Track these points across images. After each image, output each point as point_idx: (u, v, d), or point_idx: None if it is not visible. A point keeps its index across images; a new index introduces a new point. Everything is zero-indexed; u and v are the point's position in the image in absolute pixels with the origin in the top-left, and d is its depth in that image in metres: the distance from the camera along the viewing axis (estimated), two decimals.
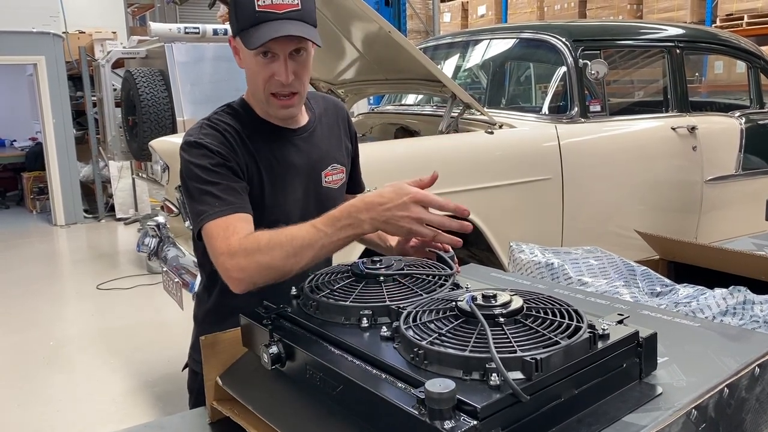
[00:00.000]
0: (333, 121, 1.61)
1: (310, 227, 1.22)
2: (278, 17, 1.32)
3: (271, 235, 1.23)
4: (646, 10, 6.52)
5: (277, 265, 1.23)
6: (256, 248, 1.23)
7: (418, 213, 1.09)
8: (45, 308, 4.97)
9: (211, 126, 1.43)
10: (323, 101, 1.60)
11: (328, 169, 1.55)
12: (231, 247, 1.25)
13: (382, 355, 0.98)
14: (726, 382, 1.01)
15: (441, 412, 0.79)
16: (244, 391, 1.17)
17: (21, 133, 10.20)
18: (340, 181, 1.59)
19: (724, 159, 3.55)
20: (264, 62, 1.36)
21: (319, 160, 1.53)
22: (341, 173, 1.59)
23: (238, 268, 1.24)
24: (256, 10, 1.32)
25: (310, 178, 1.52)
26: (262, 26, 1.32)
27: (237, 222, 1.30)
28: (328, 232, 1.20)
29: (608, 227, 3.24)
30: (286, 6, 1.32)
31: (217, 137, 1.40)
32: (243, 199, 1.35)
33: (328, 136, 1.58)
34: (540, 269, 1.72)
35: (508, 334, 0.93)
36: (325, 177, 1.54)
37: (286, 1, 1.32)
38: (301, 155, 1.50)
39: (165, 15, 11.59)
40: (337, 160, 1.58)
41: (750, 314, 1.35)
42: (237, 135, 1.43)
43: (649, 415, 0.93)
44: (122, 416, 3.26)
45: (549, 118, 3.22)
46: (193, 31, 5.91)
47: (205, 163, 1.36)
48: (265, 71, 1.37)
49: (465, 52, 3.96)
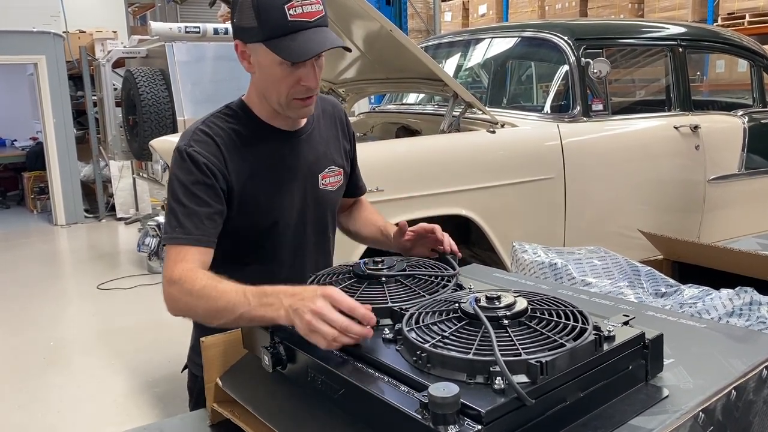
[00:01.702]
0: (331, 123, 1.60)
1: (241, 292, 1.16)
2: (310, 26, 1.30)
3: (206, 284, 1.22)
4: (647, 9, 6.50)
5: (198, 314, 1.26)
6: (189, 290, 1.24)
7: (321, 308, 1.01)
8: (45, 308, 4.96)
9: (205, 132, 1.40)
10: (321, 102, 1.58)
11: (325, 171, 1.53)
12: (173, 276, 1.28)
13: (385, 357, 0.97)
14: (733, 384, 1.00)
15: (445, 416, 0.78)
16: (245, 393, 1.16)
17: (21, 133, 10.18)
18: (338, 184, 1.57)
19: (726, 158, 3.54)
20: (291, 69, 1.34)
21: (316, 162, 1.52)
22: (339, 175, 1.57)
23: (170, 298, 1.28)
24: (289, 20, 1.29)
25: (308, 181, 1.50)
26: (297, 36, 1.29)
27: (188, 253, 1.31)
28: (252, 303, 1.14)
29: (610, 227, 3.23)
30: (315, 14, 1.31)
31: (207, 146, 1.38)
32: (205, 229, 1.34)
33: (326, 137, 1.56)
34: (543, 269, 1.70)
35: (512, 337, 0.92)
36: (322, 179, 1.53)
37: (315, 8, 1.31)
38: (298, 157, 1.48)
39: (166, 14, 11.58)
40: (335, 162, 1.56)
41: (756, 315, 1.34)
42: (232, 139, 1.41)
43: (656, 418, 0.92)
44: (123, 417, 3.24)
45: (551, 118, 3.20)
46: (193, 31, 5.89)
47: (185, 180, 1.36)
48: (291, 78, 1.35)
49: (466, 51, 3.94)
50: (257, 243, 1.47)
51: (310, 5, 1.30)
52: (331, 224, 1.61)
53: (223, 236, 1.40)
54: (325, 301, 1.03)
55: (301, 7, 1.29)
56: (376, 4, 7.35)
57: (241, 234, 1.45)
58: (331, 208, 1.58)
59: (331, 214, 1.59)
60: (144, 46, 6.51)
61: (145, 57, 6.42)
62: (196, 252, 1.32)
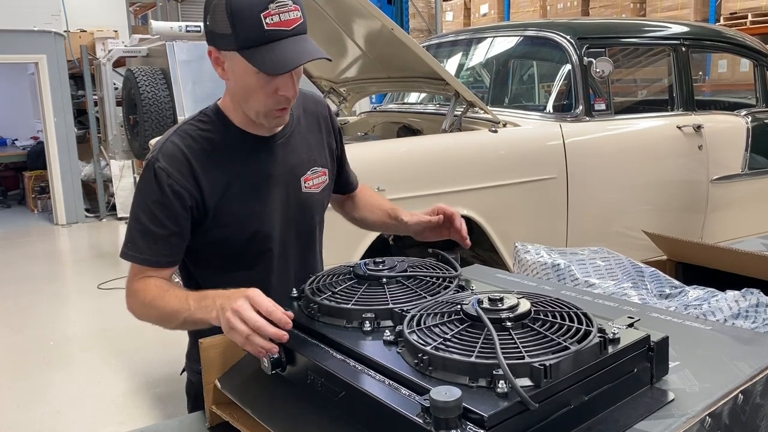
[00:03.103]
0: (313, 121, 1.53)
1: (184, 298, 1.24)
2: (288, 34, 1.24)
3: (155, 296, 1.30)
4: (650, 8, 6.48)
5: (154, 321, 1.33)
6: (141, 301, 1.32)
7: (239, 307, 1.07)
8: (45, 308, 4.95)
9: (176, 144, 1.35)
10: (302, 99, 1.50)
11: (307, 173, 1.47)
12: (130, 288, 1.36)
13: (385, 360, 0.95)
14: (740, 387, 0.99)
15: (447, 421, 0.77)
16: (244, 395, 1.14)
17: (22, 132, 10.19)
18: (323, 185, 1.52)
19: (730, 158, 3.52)
20: (268, 79, 1.28)
21: (298, 165, 1.46)
22: (323, 176, 1.51)
23: (129, 307, 1.37)
24: (265, 29, 1.22)
25: (289, 185, 1.45)
26: (274, 46, 1.23)
27: (141, 270, 1.36)
28: (192, 308, 1.21)
29: (613, 227, 3.21)
30: (293, 21, 1.24)
31: (176, 162, 1.33)
32: (158, 250, 1.35)
33: (308, 138, 1.50)
34: (546, 270, 1.69)
35: (515, 339, 0.90)
36: (305, 182, 1.47)
37: (292, 15, 1.24)
38: (277, 163, 1.43)
39: (167, 13, 11.57)
40: (318, 162, 1.50)
41: (763, 317, 1.32)
42: (205, 149, 1.36)
43: (662, 422, 0.90)
44: (123, 417, 3.23)
45: (553, 117, 3.19)
46: (194, 30, 5.89)
47: (146, 197, 1.34)
48: (268, 88, 1.29)
49: (468, 50, 3.93)
50: (240, 252, 1.42)
51: (287, 12, 1.23)
52: (318, 225, 1.56)
53: (206, 246, 1.40)
54: (245, 302, 1.08)
55: (278, 15, 1.22)
56: (377, 3, 7.33)
57: (223, 244, 1.41)
58: (318, 210, 1.54)
59: (318, 216, 1.54)
60: (145, 45, 6.50)
61: (145, 56, 6.42)
62: (149, 270, 1.35)
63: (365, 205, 1.70)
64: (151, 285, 1.32)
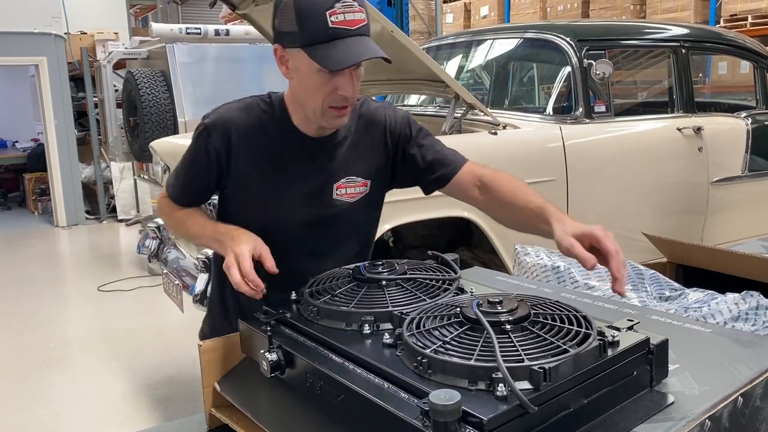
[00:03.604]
0: (373, 133, 1.52)
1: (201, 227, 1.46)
2: (351, 34, 1.28)
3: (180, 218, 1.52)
4: (650, 10, 6.48)
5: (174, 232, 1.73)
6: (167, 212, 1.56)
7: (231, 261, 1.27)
8: (45, 310, 4.95)
9: (230, 111, 1.45)
10: (371, 112, 1.53)
11: (341, 181, 1.48)
12: (161, 198, 1.59)
13: (385, 363, 0.95)
14: (740, 390, 0.99)
15: (446, 424, 0.77)
16: (243, 398, 1.15)
17: (23, 134, 10.19)
18: (359, 195, 1.51)
19: (730, 160, 3.52)
20: (328, 77, 1.32)
21: (335, 171, 1.48)
22: (362, 187, 1.51)
23: (159, 210, 1.62)
24: (330, 26, 1.26)
25: (320, 188, 1.47)
26: (337, 44, 1.27)
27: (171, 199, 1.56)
28: (207, 237, 1.43)
29: (613, 229, 3.15)
30: (357, 22, 1.29)
31: (221, 124, 1.44)
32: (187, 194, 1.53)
33: (357, 147, 1.50)
34: (546, 272, 1.69)
35: (515, 342, 0.90)
36: (336, 189, 1.48)
37: (357, 16, 1.28)
38: (314, 163, 1.46)
39: (167, 16, 11.58)
40: (359, 173, 1.50)
41: (763, 320, 1.32)
42: (254, 132, 1.44)
43: (661, 425, 0.90)
44: (123, 419, 3.23)
45: (553, 119, 3.19)
46: (194, 32, 5.89)
47: (191, 149, 1.48)
48: (329, 86, 1.33)
49: (468, 52, 3.93)
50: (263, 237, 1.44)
51: (352, 13, 1.27)
52: (352, 235, 1.56)
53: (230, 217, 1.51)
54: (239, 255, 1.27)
55: (344, 15, 1.26)
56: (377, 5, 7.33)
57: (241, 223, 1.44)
58: (349, 218, 1.52)
59: (348, 224, 1.53)
60: (145, 47, 6.50)
61: (146, 58, 6.42)
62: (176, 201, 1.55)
63: (504, 203, 1.48)
64: (180, 207, 1.52)
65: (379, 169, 1.54)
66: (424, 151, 1.54)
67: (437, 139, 1.59)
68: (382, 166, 1.54)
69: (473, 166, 1.56)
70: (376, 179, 1.54)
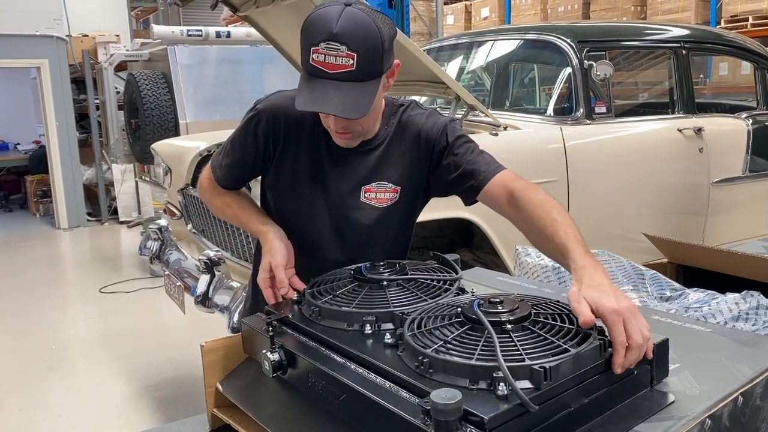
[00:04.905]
0: (402, 140, 1.50)
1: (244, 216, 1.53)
2: (327, 77, 1.24)
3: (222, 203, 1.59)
4: (650, 11, 6.49)
5: (213, 210, 1.67)
6: (207, 189, 1.61)
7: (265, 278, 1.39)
8: (47, 312, 4.95)
9: (284, 98, 1.46)
10: (407, 118, 1.50)
11: (372, 185, 1.48)
12: (203, 177, 1.62)
13: (386, 363, 0.95)
14: (740, 389, 0.99)
15: (447, 423, 0.77)
16: (245, 398, 1.15)
17: (24, 137, 10.19)
18: (389, 201, 1.50)
19: (730, 161, 3.52)
20: None
21: (365, 175, 1.48)
22: (392, 193, 1.49)
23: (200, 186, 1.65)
24: (310, 62, 1.25)
25: (349, 190, 1.48)
26: (312, 82, 1.26)
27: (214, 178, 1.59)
28: (245, 224, 1.54)
29: (614, 230, 3.21)
30: (338, 66, 1.23)
31: (272, 111, 1.46)
32: (223, 170, 1.55)
33: (390, 154, 1.49)
34: (547, 273, 1.69)
35: (515, 342, 0.91)
36: (365, 192, 1.48)
37: (339, 61, 1.23)
38: (347, 167, 1.48)
39: (168, 18, 11.60)
40: (390, 179, 1.49)
41: (763, 320, 1.32)
42: (303, 124, 1.46)
43: (662, 424, 0.91)
44: (124, 421, 3.24)
45: (554, 120, 3.19)
46: (195, 34, 5.89)
47: (241, 128, 1.51)
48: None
49: (469, 53, 3.93)
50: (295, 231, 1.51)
51: (335, 56, 1.23)
52: (378, 241, 1.53)
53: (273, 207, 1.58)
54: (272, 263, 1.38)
55: (324, 56, 1.23)
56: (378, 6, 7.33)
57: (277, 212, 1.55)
58: (376, 222, 1.51)
59: (377, 230, 1.51)
60: (146, 49, 6.51)
61: (147, 60, 6.43)
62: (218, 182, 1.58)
63: (531, 231, 1.31)
64: (218, 190, 1.58)
65: (412, 176, 1.51)
66: (458, 161, 1.47)
67: (475, 147, 1.51)
68: (416, 174, 1.51)
69: (505, 178, 1.43)
70: (407, 187, 1.51)
